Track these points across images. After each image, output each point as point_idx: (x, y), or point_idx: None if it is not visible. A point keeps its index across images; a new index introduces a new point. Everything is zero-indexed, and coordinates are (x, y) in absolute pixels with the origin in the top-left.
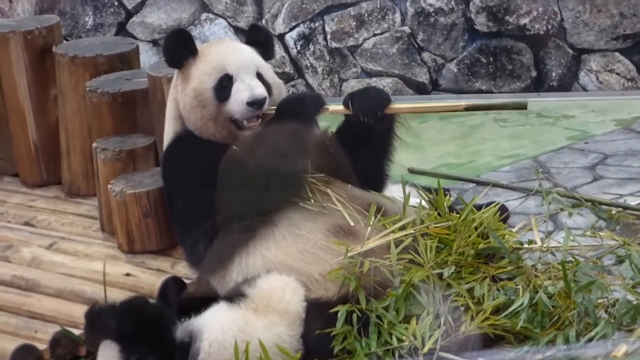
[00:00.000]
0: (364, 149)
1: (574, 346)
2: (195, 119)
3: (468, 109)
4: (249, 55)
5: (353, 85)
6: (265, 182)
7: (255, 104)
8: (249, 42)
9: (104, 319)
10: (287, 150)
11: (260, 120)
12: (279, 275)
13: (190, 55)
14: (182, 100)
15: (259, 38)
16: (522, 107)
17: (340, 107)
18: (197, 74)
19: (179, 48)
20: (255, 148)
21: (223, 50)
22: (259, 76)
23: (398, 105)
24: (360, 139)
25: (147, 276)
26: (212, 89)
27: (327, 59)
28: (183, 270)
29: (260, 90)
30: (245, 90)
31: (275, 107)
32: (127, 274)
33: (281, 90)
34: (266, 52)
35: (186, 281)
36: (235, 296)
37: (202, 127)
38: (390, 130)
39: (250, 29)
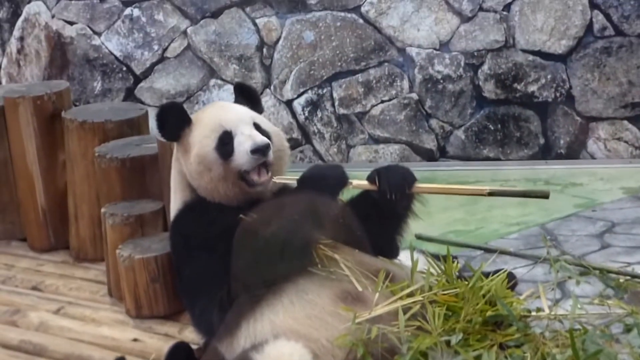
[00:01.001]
0: (379, 223)
1: None
2: (205, 183)
3: (492, 194)
4: (242, 109)
5: (360, 151)
6: (277, 252)
7: (259, 151)
8: (237, 101)
9: None
10: (301, 224)
11: (270, 174)
12: (287, 341)
13: (186, 125)
14: (188, 170)
15: (245, 94)
16: (545, 196)
17: (364, 183)
18: (197, 140)
19: (174, 121)
20: (270, 219)
21: (216, 112)
22: (256, 126)
23: (423, 184)
24: (377, 214)
25: (155, 341)
26: (214, 149)
27: (335, 125)
28: (190, 335)
29: (261, 138)
30: (246, 140)
31: (296, 178)
32: (135, 339)
33: (280, 137)
34: (255, 107)
35: (193, 347)
36: None
37: (214, 190)
38: (408, 207)
39: (235, 88)
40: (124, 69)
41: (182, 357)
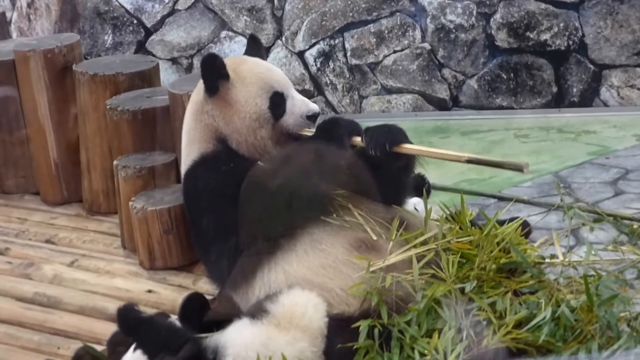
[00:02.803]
0: (383, 175)
1: (597, 358)
2: (253, 140)
3: (469, 161)
4: (280, 71)
5: (373, 102)
6: (291, 199)
7: (315, 116)
8: (249, 53)
9: (139, 329)
10: (313, 169)
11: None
12: (301, 290)
13: (224, 79)
14: (231, 125)
15: (257, 47)
16: (519, 169)
17: (358, 139)
18: (244, 97)
19: (214, 74)
20: (284, 165)
21: (259, 70)
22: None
23: (407, 145)
24: (374, 170)
25: (169, 293)
26: (267, 109)
27: (347, 76)
28: (205, 286)
29: (315, 104)
30: (302, 105)
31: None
32: (149, 291)
33: None
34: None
35: (208, 297)
36: (257, 312)
37: (259, 147)
38: (406, 168)
39: (249, 40)
40: (135, 22)
41: (197, 308)
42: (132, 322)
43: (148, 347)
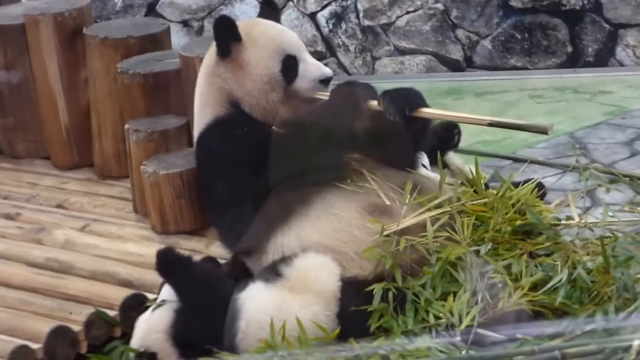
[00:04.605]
0: (394, 144)
1: (613, 320)
2: (263, 102)
3: (491, 124)
4: (294, 34)
5: (386, 63)
6: (306, 164)
7: (327, 81)
8: (262, 16)
9: (179, 272)
10: (329, 134)
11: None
12: (315, 254)
13: (236, 42)
14: (243, 88)
15: (270, 9)
16: (544, 132)
17: (374, 103)
18: (256, 59)
19: (226, 37)
20: (299, 130)
21: (272, 32)
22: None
23: (427, 110)
24: (389, 134)
25: None
26: (279, 72)
27: (360, 37)
28: (217, 250)
29: (327, 68)
30: (315, 69)
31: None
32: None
33: None
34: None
35: (221, 262)
36: (271, 276)
37: (271, 110)
38: (423, 131)
39: (263, 2)
40: None
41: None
42: (171, 263)
43: (182, 289)
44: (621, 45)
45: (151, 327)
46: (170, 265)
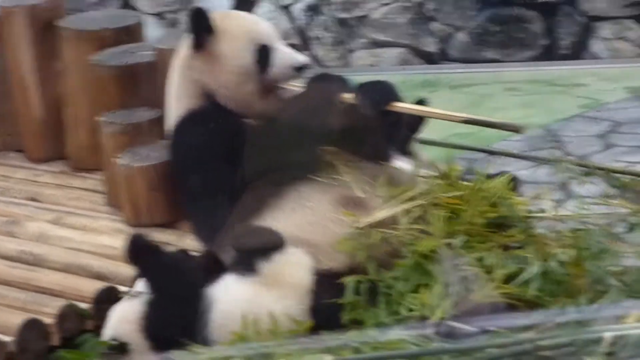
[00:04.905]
0: (369, 137)
1: (586, 313)
2: (240, 94)
3: (466, 121)
4: (267, 23)
5: (361, 56)
6: (280, 157)
7: (303, 68)
8: (238, 8)
9: (148, 259)
10: (304, 126)
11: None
12: (289, 247)
13: (210, 33)
14: (218, 80)
15: (244, 3)
16: (517, 130)
17: (350, 96)
18: (230, 51)
19: (203, 29)
20: (280, 121)
21: (244, 23)
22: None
23: (402, 104)
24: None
25: None
26: (254, 62)
27: (335, 29)
28: (191, 243)
29: (303, 56)
30: (290, 57)
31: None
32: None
33: None
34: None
35: (194, 255)
36: (245, 268)
37: (247, 101)
38: (397, 125)
39: None
40: None
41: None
42: (141, 250)
43: (152, 278)
44: (596, 38)
45: (123, 319)
46: (139, 251)
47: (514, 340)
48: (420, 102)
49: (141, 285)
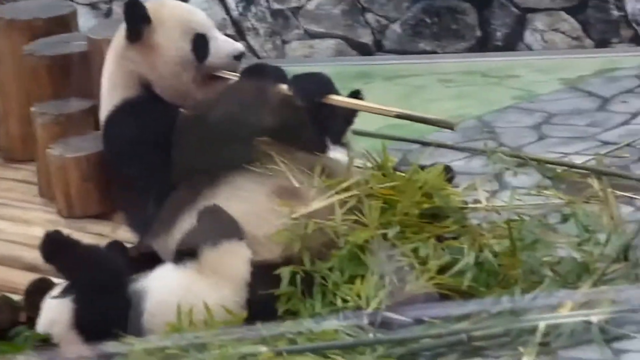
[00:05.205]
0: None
1: (519, 302)
2: (178, 84)
3: (399, 116)
4: (201, 12)
5: (295, 47)
6: (214, 146)
7: (240, 56)
8: None
9: (64, 254)
10: (237, 116)
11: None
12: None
13: (146, 24)
14: (155, 71)
15: None
16: (450, 127)
17: (284, 87)
18: (166, 41)
19: (138, 19)
20: (207, 112)
21: (179, 12)
22: None
23: (336, 97)
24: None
25: (88, 241)
26: (190, 51)
27: (269, 20)
28: (124, 234)
29: (239, 43)
30: (227, 45)
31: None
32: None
33: None
34: None
35: (127, 246)
36: (181, 258)
37: (183, 92)
38: (331, 117)
39: None
40: None
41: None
42: (58, 247)
43: (70, 272)
44: (530, 29)
45: (54, 314)
46: (56, 249)
47: (448, 331)
48: (355, 93)
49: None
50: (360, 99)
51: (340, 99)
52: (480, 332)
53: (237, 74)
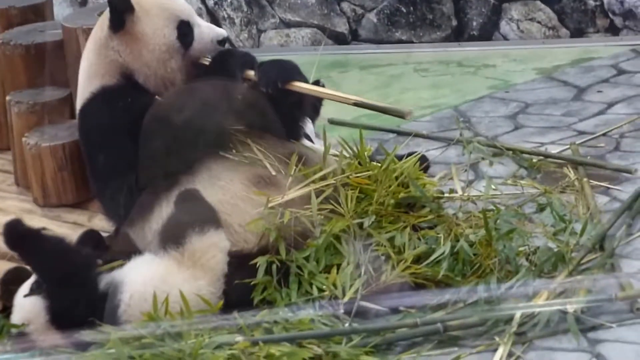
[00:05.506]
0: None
1: (495, 292)
2: (164, 72)
3: (356, 104)
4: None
5: (271, 36)
6: (188, 134)
7: (224, 41)
8: None
9: (28, 243)
10: (210, 104)
11: None
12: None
13: (130, 13)
14: (139, 60)
15: None
16: (402, 116)
17: (252, 72)
18: (152, 29)
19: (122, 9)
20: (181, 101)
21: (162, 1)
22: None
23: (299, 84)
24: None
25: (64, 230)
26: (176, 39)
27: (245, 9)
28: (100, 223)
29: (222, 29)
30: (210, 31)
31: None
32: (43, 228)
33: None
34: None
35: (103, 234)
36: (158, 248)
37: (168, 79)
38: (300, 104)
39: None
40: None
41: (92, 245)
42: (19, 235)
43: (35, 263)
44: (505, 19)
45: (28, 313)
46: (19, 238)
47: (424, 320)
48: (315, 83)
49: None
50: (322, 87)
51: (303, 86)
52: (456, 321)
53: (208, 60)
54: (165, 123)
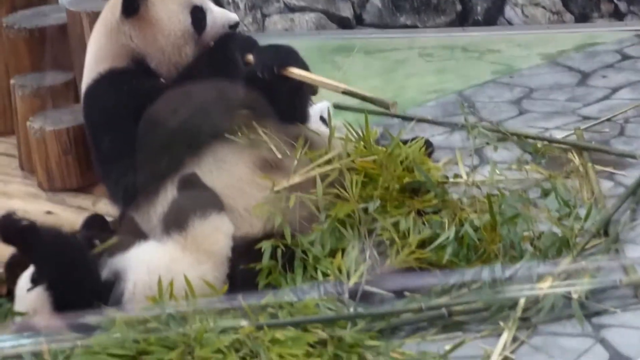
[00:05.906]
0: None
1: (499, 277)
2: (177, 58)
3: (345, 92)
4: None
5: (275, 20)
6: (194, 117)
7: (236, 26)
8: None
9: (24, 235)
10: (214, 88)
11: None
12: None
13: None
14: (153, 45)
15: None
16: (386, 107)
17: (250, 57)
18: (167, 15)
19: None
20: (187, 86)
21: None
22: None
23: (294, 70)
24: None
25: (68, 214)
26: (191, 24)
27: None
28: (105, 207)
29: (234, 14)
30: (223, 16)
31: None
32: (48, 212)
33: None
34: None
35: (108, 219)
36: (162, 234)
37: (182, 65)
38: (298, 89)
39: None
40: None
41: (97, 229)
42: (13, 229)
43: (32, 256)
44: (510, 4)
45: (33, 305)
46: (13, 232)
47: (428, 305)
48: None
49: None
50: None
51: (298, 72)
52: (460, 306)
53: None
54: (169, 107)
